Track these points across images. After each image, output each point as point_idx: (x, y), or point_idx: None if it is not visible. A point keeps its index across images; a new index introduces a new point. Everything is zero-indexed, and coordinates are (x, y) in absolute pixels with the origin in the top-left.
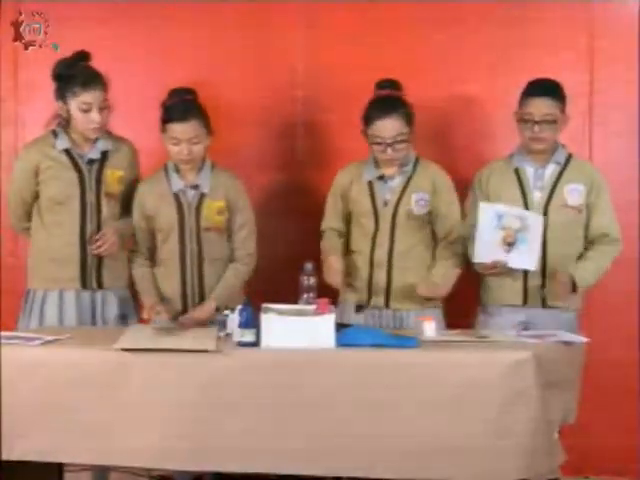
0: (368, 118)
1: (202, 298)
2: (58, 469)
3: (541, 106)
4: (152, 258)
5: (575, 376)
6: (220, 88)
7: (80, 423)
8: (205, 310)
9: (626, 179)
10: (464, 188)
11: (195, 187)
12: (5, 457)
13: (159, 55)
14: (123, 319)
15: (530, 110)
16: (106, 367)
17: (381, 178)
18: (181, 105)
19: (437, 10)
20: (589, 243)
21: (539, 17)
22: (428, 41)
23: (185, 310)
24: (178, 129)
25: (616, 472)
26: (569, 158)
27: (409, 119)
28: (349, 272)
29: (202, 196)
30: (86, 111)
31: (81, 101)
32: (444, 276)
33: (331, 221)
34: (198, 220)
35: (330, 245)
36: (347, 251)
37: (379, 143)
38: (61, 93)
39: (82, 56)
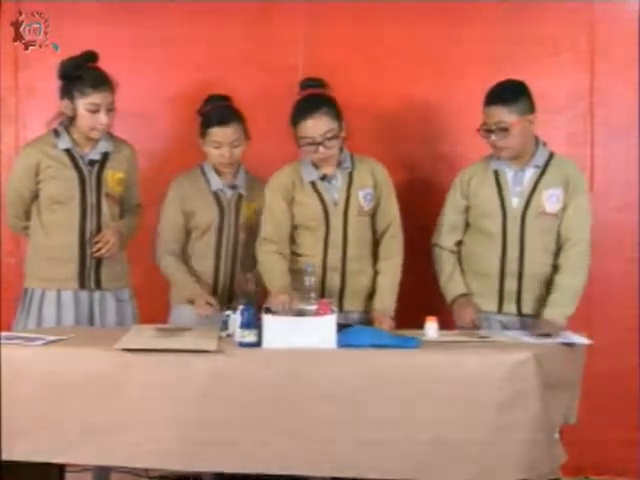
0: (294, 120)
1: (231, 295)
2: (59, 469)
3: (492, 115)
4: (181, 256)
5: (576, 377)
6: (221, 87)
7: (81, 423)
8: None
9: (627, 179)
10: None
11: (233, 187)
12: (5, 457)
13: (160, 55)
14: (121, 320)
15: (485, 120)
16: (107, 367)
17: (323, 178)
18: (221, 110)
19: (437, 10)
20: (556, 251)
21: (539, 17)
22: (428, 41)
23: None
24: (220, 133)
25: (616, 472)
26: (550, 159)
27: (336, 115)
28: (298, 276)
29: (240, 196)
30: (94, 112)
31: (90, 102)
32: (387, 302)
33: (275, 220)
34: (237, 219)
35: (274, 269)
36: (294, 254)
37: (310, 143)
38: (68, 92)
39: (90, 56)
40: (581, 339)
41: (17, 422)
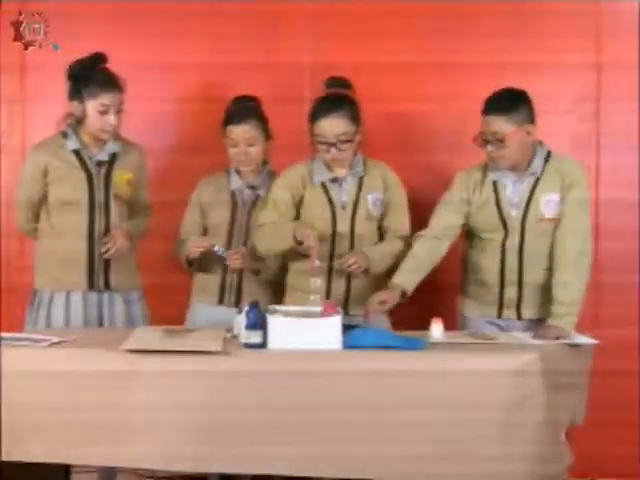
0: (312, 117)
1: (239, 293)
2: (65, 470)
3: (489, 124)
4: None
5: (583, 378)
6: (227, 90)
7: (86, 424)
8: None
9: (631, 180)
10: None
11: (252, 187)
12: (5, 458)
13: (164, 57)
14: (130, 321)
15: (482, 129)
16: (112, 368)
17: (334, 180)
18: (240, 110)
19: (442, 11)
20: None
21: (544, 18)
22: (433, 42)
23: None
24: (235, 131)
25: (621, 474)
26: (546, 161)
27: (354, 118)
28: (303, 277)
29: (257, 197)
30: (103, 113)
31: (100, 102)
32: (371, 252)
33: (278, 211)
34: (249, 221)
35: (280, 225)
36: (300, 255)
37: (323, 143)
38: (78, 93)
39: (99, 58)
40: (587, 339)
41: (21, 423)
